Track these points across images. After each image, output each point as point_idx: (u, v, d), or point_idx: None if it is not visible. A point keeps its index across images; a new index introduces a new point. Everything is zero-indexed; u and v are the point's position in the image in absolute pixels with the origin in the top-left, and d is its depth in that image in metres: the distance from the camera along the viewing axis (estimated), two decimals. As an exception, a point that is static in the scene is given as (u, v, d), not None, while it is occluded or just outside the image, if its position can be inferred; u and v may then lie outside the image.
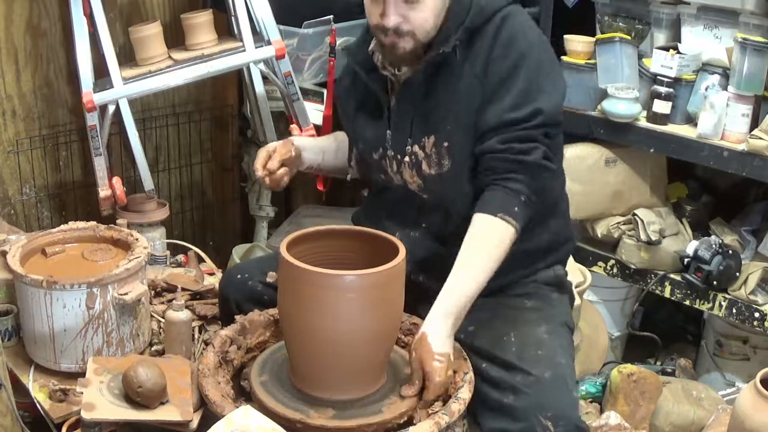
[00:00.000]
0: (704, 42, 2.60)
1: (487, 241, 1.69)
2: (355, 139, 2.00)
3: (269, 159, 1.97)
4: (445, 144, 1.78)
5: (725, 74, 2.47)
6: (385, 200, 1.97)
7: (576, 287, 2.41)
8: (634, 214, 2.63)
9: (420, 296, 1.88)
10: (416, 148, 1.82)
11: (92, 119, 2.55)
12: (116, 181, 2.66)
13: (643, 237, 2.59)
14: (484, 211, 1.70)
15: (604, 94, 2.64)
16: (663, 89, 2.55)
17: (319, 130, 2.83)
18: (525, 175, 1.71)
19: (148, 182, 2.74)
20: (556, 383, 1.66)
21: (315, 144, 2.13)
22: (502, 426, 1.66)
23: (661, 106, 2.55)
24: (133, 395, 1.68)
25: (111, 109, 2.58)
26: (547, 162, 1.73)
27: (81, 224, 2.17)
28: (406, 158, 1.84)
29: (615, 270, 2.72)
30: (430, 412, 1.70)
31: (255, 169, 1.98)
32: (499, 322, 1.80)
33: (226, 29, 2.84)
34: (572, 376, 1.72)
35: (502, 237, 1.69)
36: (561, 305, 1.90)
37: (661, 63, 2.56)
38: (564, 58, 2.78)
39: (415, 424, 1.60)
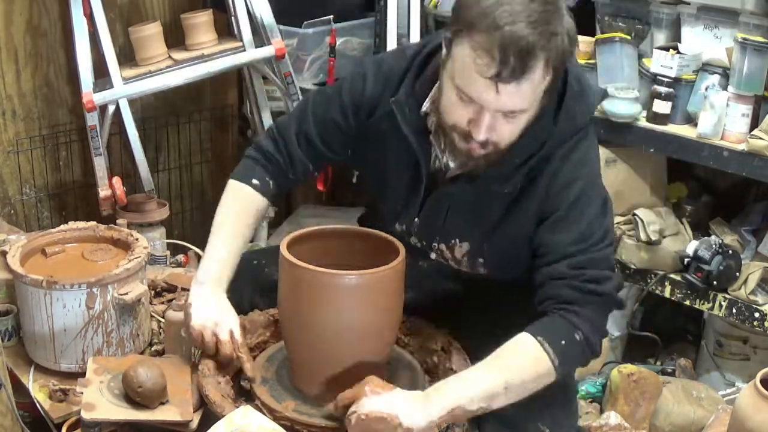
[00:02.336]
0: (704, 42, 2.59)
1: (513, 362, 1.51)
2: (378, 196, 1.81)
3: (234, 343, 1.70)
4: (480, 260, 1.69)
5: (725, 74, 2.47)
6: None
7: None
8: (634, 214, 2.63)
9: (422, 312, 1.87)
10: (443, 247, 1.72)
11: (92, 119, 2.56)
12: (116, 181, 2.66)
13: (643, 237, 2.58)
14: (528, 330, 1.53)
15: (604, 94, 2.64)
16: (663, 89, 2.55)
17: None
18: (591, 310, 1.54)
19: (148, 182, 2.74)
20: (556, 392, 1.63)
21: (234, 263, 1.80)
22: None
23: (661, 106, 2.55)
24: (133, 395, 1.68)
25: (111, 109, 2.59)
26: (617, 295, 1.60)
27: (81, 224, 2.17)
28: (433, 253, 1.75)
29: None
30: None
31: (232, 354, 1.69)
32: (510, 330, 1.78)
33: (226, 29, 2.84)
34: (572, 387, 1.72)
35: (534, 367, 1.50)
36: None
37: (661, 63, 2.56)
38: (564, 58, 2.77)
39: (415, 424, 1.60)
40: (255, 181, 1.81)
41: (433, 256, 1.75)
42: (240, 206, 1.81)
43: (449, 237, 1.70)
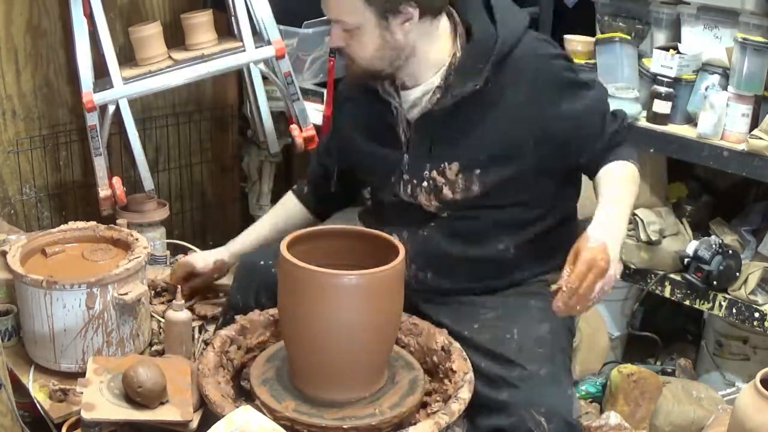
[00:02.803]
0: (704, 42, 2.59)
1: (627, 176, 1.82)
2: (364, 169, 1.99)
3: (188, 279, 2.22)
4: (477, 171, 1.79)
5: (725, 74, 2.47)
6: (389, 209, 1.96)
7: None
8: (634, 214, 2.63)
9: (425, 295, 1.89)
10: (435, 173, 1.82)
11: (92, 119, 2.55)
12: (116, 181, 2.66)
13: (643, 237, 2.58)
14: (618, 159, 1.83)
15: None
16: (663, 89, 2.55)
17: (319, 130, 2.83)
18: (626, 140, 1.90)
19: (148, 182, 2.74)
20: (552, 380, 1.67)
21: (257, 243, 2.20)
22: (495, 422, 1.67)
23: (661, 106, 2.55)
24: (133, 395, 1.68)
25: (111, 109, 2.59)
26: (625, 125, 1.90)
27: (81, 224, 2.17)
28: (424, 183, 1.84)
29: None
30: (429, 412, 1.70)
31: (176, 286, 2.10)
32: (503, 320, 1.81)
33: (226, 29, 2.84)
34: (568, 376, 1.73)
35: (636, 176, 1.84)
36: None
37: (661, 63, 2.56)
38: (564, 58, 2.78)
39: (415, 424, 1.60)
40: (294, 186, 2.22)
41: (425, 185, 1.83)
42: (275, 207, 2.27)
43: (438, 161, 1.81)
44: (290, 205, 2.20)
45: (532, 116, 1.76)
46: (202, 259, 2.21)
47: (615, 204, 1.74)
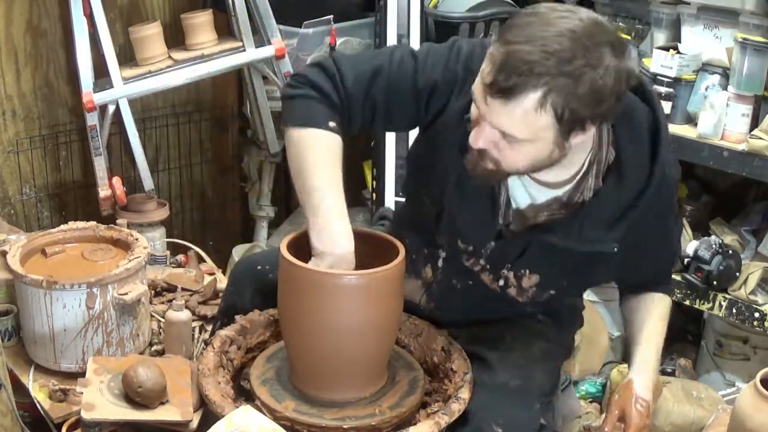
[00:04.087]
0: (704, 42, 2.59)
1: (665, 316, 1.81)
2: (443, 211, 1.69)
3: None
4: (552, 292, 1.70)
5: (725, 74, 2.47)
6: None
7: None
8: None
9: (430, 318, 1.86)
10: (512, 275, 1.68)
11: (92, 119, 2.56)
12: (116, 181, 2.66)
13: (643, 237, 2.59)
14: (657, 290, 1.81)
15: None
16: (663, 89, 2.55)
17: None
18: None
19: (148, 182, 2.74)
20: (521, 394, 1.64)
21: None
22: (458, 429, 1.64)
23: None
24: (133, 395, 1.68)
25: (111, 109, 2.59)
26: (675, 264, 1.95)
27: (81, 224, 2.17)
28: (496, 276, 1.69)
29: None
30: (429, 412, 1.70)
31: None
32: (500, 328, 1.79)
33: (226, 29, 2.84)
34: (543, 396, 1.68)
35: (669, 311, 1.84)
36: (568, 328, 1.89)
37: (661, 63, 2.56)
38: (564, 58, 2.78)
39: (415, 425, 1.60)
40: (332, 124, 1.61)
41: (492, 277, 1.70)
42: (332, 153, 1.62)
43: (521, 266, 1.67)
44: (336, 148, 1.65)
45: (627, 250, 1.61)
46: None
47: (656, 356, 1.75)
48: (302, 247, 1.67)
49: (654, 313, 1.79)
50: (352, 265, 1.57)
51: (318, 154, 1.58)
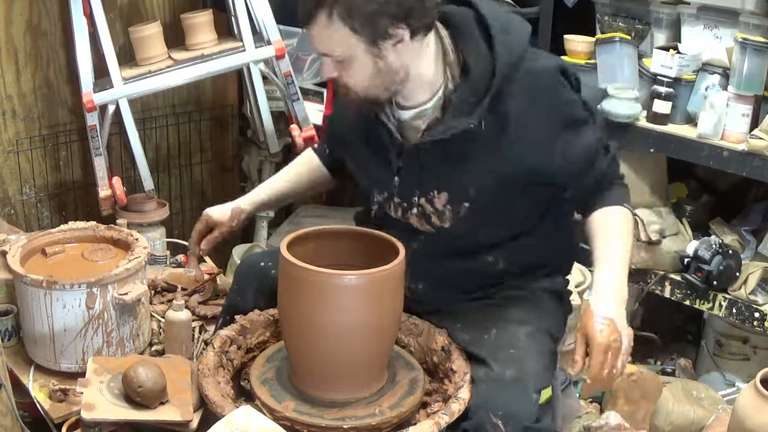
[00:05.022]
0: (704, 42, 2.59)
1: (623, 228, 1.78)
2: (359, 174, 1.92)
3: (207, 233, 2.08)
4: (466, 204, 1.74)
5: (725, 74, 2.47)
6: (382, 218, 1.89)
7: (576, 287, 2.42)
8: (634, 214, 2.63)
9: (423, 307, 1.88)
10: (423, 200, 1.77)
11: (92, 119, 2.56)
12: (116, 181, 2.66)
13: (643, 237, 2.59)
14: (607, 205, 1.79)
15: (604, 94, 2.64)
16: (663, 89, 2.55)
17: (319, 130, 2.84)
18: (617, 177, 1.85)
19: (148, 182, 2.74)
20: (516, 384, 1.65)
21: (273, 194, 2.11)
22: (462, 425, 1.65)
23: (661, 106, 2.55)
24: (133, 395, 1.68)
25: (111, 109, 2.59)
26: (616, 159, 1.84)
27: (81, 224, 2.17)
28: (414, 209, 1.79)
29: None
30: (429, 412, 1.70)
31: (192, 238, 2.10)
32: (485, 321, 1.80)
33: (226, 29, 2.84)
34: (538, 380, 1.69)
35: (631, 225, 1.81)
36: (552, 313, 1.88)
37: (661, 63, 2.56)
38: (564, 58, 2.78)
39: (415, 425, 1.60)
40: (314, 145, 2.11)
41: (415, 212, 1.79)
42: (295, 162, 2.13)
43: (427, 189, 1.76)
44: (307, 160, 2.11)
45: (525, 156, 1.69)
46: (218, 209, 2.10)
47: (614, 267, 1.71)
48: (302, 247, 1.67)
49: (612, 225, 1.77)
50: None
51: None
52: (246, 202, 2.11)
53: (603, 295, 1.68)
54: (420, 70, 1.68)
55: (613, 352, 1.62)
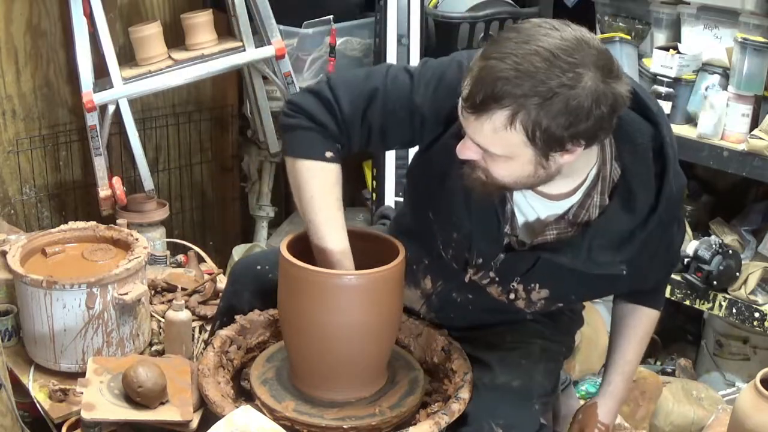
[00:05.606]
0: (704, 42, 2.60)
1: (648, 334, 1.85)
2: (443, 222, 1.68)
3: None
4: (561, 305, 1.73)
5: (725, 74, 2.47)
6: (436, 244, 1.72)
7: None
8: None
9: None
10: (521, 288, 1.66)
11: (92, 119, 2.56)
12: (116, 181, 2.66)
13: (643, 237, 2.58)
14: (652, 306, 1.82)
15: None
16: (663, 89, 2.55)
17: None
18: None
19: (148, 182, 2.74)
20: (520, 395, 1.64)
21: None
22: (458, 430, 1.65)
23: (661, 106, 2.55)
24: (133, 395, 1.68)
25: (111, 109, 2.59)
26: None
27: (81, 224, 2.17)
28: (509, 294, 1.67)
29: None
30: (429, 412, 1.70)
31: None
32: (500, 328, 1.80)
33: (226, 29, 2.84)
34: (543, 397, 1.68)
35: (653, 327, 1.85)
36: (568, 331, 1.90)
37: (661, 63, 2.56)
38: (564, 58, 2.78)
39: (415, 425, 1.60)
40: (329, 154, 1.62)
41: (501, 289, 1.68)
42: (329, 185, 1.63)
43: (530, 281, 1.65)
44: (331, 176, 1.66)
45: (638, 264, 1.60)
46: None
47: (626, 377, 1.82)
48: (302, 247, 1.67)
49: (638, 332, 1.82)
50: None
51: (316, 188, 1.60)
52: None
53: (609, 401, 1.80)
54: (573, 166, 1.49)
55: None
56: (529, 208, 1.60)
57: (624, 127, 1.50)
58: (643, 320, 1.82)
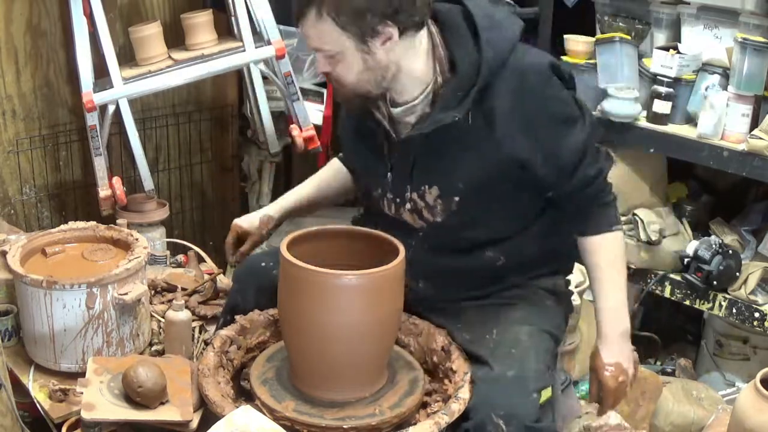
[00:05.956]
0: (704, 42, 2.59)
1: (616, 256, 1.83)
2: (356, 172, 2.00)
3: (239, 244, 2.06)
4: (456, 199, 1.76)
5: (725, 74, 2.47)
6: (381, 217, 1.91)
7: (576, 287, 2.41)
8: (634, 214, 2.63)
9: (426, 305, 1.89)
10: (415, 195, 1.80)
11: (92, 119, 2.56)
12: (116, 181, 2.66)
13: (643, 237, 2.59)
14: (599, 232, 1.82)
15: (604, 94, 2.65)
16: (663, 89, 2.55)
17: (319, 130, 2.83)
18: (605, 189, 1.84)
19: (148, 182, 2.74)
20: (517, 384, 1.66)
21: (300, 201, 2.10)
22: (464, 425, 1.66)
23: (661, 106, 2.55)
24: (133, 395, 1.68)
25: (111, 109, 2.59)
26: (604, 169, 1.82)
27: (81, 224, 2.17)
28: (407, 204, 1.82)
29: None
30: (429, 412, 1.70)
31: (227, 251, 2.06)
32: (486, 321, 1.81)
33: (226, 29, 2.84)
34: (539, 380, 1.69)
35: (622, 245, 1.85)
36: (553, 313, 1.89)
37: (661, 63, 2.56)
38: (564, 58, 2.78)
39: (415, 424, 1.60)
40: (340, 154, 2.11)
41: (408, 207, 1.81)
42: (322, 169, 2.14)
43: (418, 184, 1.79)
44: (335, 168, 2.12)
45: (512, 151, 1.70)
46: (246, 219, 2.11)
47: (617, 307, 1.82)
48: (302, 247, 1.67)
49: (601, 264, 1.82)
50: None
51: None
52: (274, 209, 2.11)
53: (609, 340, 1.82)
54: (411, 66, 1.71)
55: (620, 389, 1.81)
56: (397, 122, 1.79)
57: (442, 19, 1.74)
58: (607, 244, 1.82)
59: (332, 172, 2.10)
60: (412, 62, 1.71)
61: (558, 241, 1.89)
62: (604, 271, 1.81)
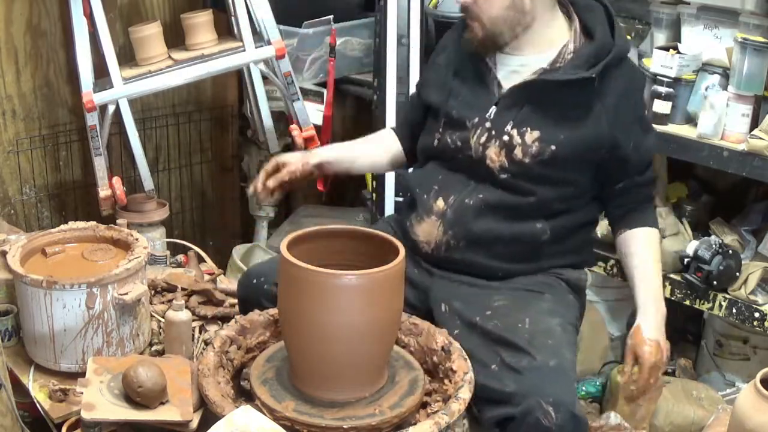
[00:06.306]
0: (704, 42, 2.59)
1: (657, 250, 2.01)
2: (443, 104, 2.00)
3: (274, 173, 2.03)
4: (552, 147, 1.88)
5: (725, 74, 2.47)
6: (442, 168, 2.00)
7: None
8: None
9: (446, 266, 1.96)
10: (515, 132, 1.90)
11: (92, 119, 2.56)
12: (116, 181, 2.66)
13: (643, 237, 2.58)
14: (647, 225, 2.01)
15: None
16: (663, 89, 2.55)
17: (319, 130, 2.83)
18: (653, 194, 2.08)
19: (148, 182, 2.74)
20: (560, 372, 1.69)
21: (344, 156, 2.16)
22: (504, 412, 1.68)
23: (661, 106, 2.55)
24: (133, 395, 1.68)
25: (111, 109, 2.59)
26: (654, 186, 2.09)
27: (81, 224, 2.17)
28: (503, 137, 1.90)
29: (615, 270, 2.72)
30: (429, 412, 1.70)
31: (259, 177, 2.03)
32: (514, 310, 1.84)
33: (226, 29, 2.84)
34: (574, 371, 1.76)
35: (656, 240, 2.03)
36: (574, 308, 1.96)
37: (661, 63, 2.56)
38: (564, 58, 2.78)
39: (415, 424, 1.60)
40: (392, 126, 2.30)
41: (502, 140, 1.90)
42: (373, 135, 2.29)
43: (522, 123, 1.90)
44: (385, 134, 2.26)
45: (614, 127, 1.89)
46: (287, 155, 2.11)
47: (657, 290, 1.95)
48: (302, 247, 1.67)
49: (647, 250, 1.99)
50: None
51: None
52: (316, 153, 2.14)
53: (650, 317, 1.92)
54: (545, 29, 1.90)
55: (656, 368, 1.88)
56: (510, 70, 1.94)
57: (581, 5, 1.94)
58: (647, 239, 1.99)
59: (383, 141, 2.23)
60: (546, 22, 1.89)
61: (589, 236, 2.06)
62: (651, 256, 1.97)
